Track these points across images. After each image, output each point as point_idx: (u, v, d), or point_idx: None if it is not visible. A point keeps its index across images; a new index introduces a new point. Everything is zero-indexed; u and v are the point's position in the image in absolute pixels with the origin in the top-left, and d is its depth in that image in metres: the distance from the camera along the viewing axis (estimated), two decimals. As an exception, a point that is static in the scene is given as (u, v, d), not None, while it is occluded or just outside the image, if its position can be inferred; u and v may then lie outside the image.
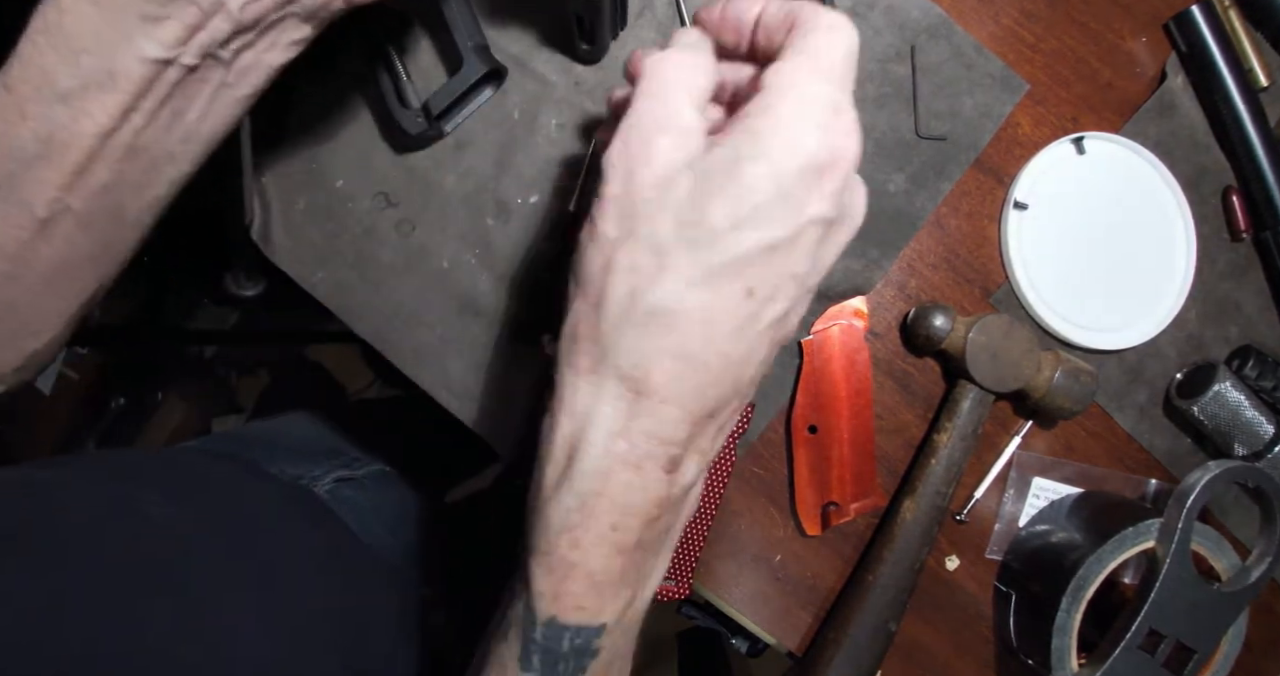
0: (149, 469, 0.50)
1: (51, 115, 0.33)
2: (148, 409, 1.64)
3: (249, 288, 0.55)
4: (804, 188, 0.28)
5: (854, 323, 0.55)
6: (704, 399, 0.29)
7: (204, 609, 0.40)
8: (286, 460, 0.63)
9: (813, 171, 0.28)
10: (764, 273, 0.29)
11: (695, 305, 0.28)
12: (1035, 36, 0.56)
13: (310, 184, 0.53)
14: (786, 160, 0.28)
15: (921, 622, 0.58)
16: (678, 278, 0.28)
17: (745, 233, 0.28)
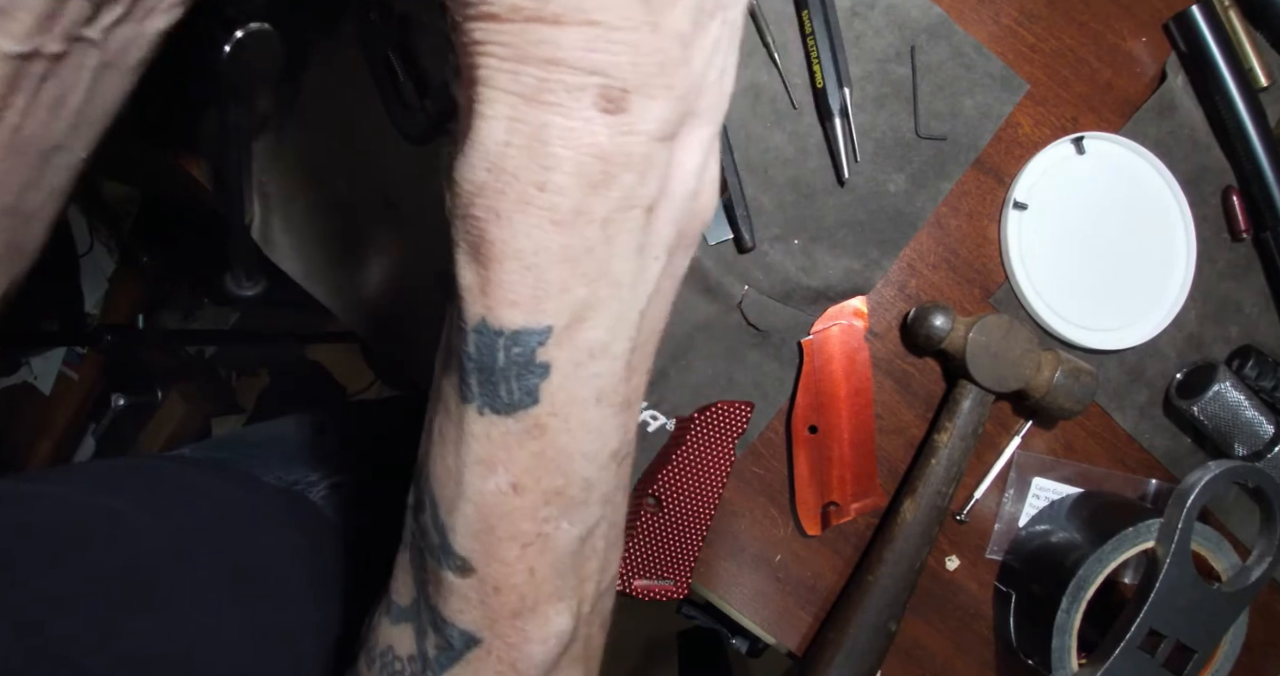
0: (131, 479, 0.50)
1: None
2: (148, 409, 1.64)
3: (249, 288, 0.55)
4: None
5: (854, 322, 0.55)
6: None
7: (186, 618, 0.40)
8: (281, 465, 0.63)
9: None
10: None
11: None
12: (1035, 36, 0.56)
13: (310, 184, 0.53)
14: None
15: (921, 622, 0.58)
16: None
17: None
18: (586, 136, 0.23)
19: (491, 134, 0.23)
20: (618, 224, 0.24)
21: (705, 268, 0.54)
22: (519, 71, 0.22)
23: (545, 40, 0.22)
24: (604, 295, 0.25)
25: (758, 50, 0.53)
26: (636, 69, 0.22)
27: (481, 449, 0.26)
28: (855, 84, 0.54)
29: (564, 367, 0.25)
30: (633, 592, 0.54)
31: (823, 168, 0.54)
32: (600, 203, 0.23)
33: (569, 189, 0.23)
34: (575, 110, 0.22)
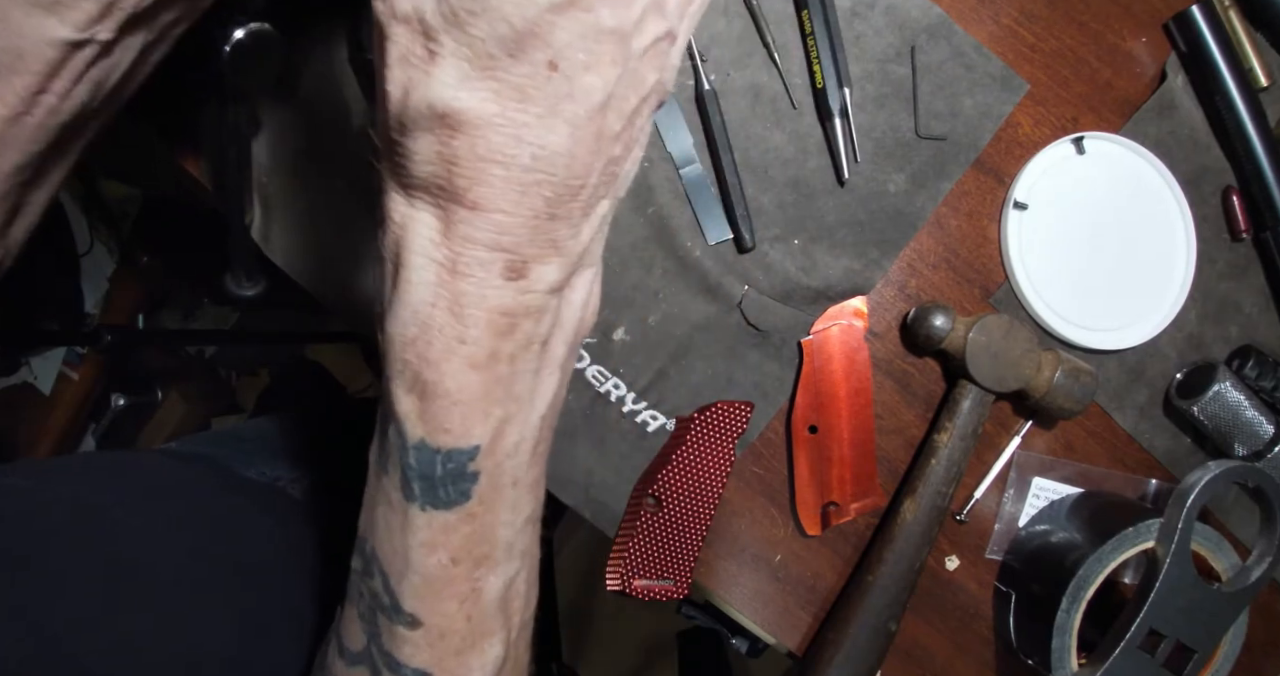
0: (116, 473, 0.50)
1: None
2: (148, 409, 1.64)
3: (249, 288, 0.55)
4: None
5: (854, 322, 0.55)
6: (529, 199, 0.26)
7: (171, 611, 0.40)
8: (266, 461, 0.63)
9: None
10: (562, 36, 0.24)
11: (484, 99, 0.24)
12: (1035, 36, 0.56)
13: (310, 184, 0.53)
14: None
15: (921, 622, 0.58)
16: (452, 67, 0.24)
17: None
18: (494, 300, 0.27)
19: (420, 296, 0.28)
20: (521, 358, 0.29)
21: (705, 268, 0.54)
22: (440, 244, 0.27)
23: (464, 221, 0.26)
24: (514, 411, 0.30)
25: (758, 50, 0.53)
26: (535, 245, 0.27)
27: (424, 536, 0.31)
28: (855, 84, 0.54)
29: (489, 470, 0.30)
30: (633, 592, 0.54)
31: (823, 168, 0.54)
32: (507, 345, 0.28)
33: (483, 340, 0.28)
34: (486, 280, 0.27)
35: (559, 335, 0.31)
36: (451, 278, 0.27)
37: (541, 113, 0.25)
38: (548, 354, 0.30)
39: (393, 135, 0.26)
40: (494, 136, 0.25)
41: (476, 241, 0.26)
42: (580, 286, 0.31)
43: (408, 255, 0.27)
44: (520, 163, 0.25)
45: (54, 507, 0.41)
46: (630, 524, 0.54)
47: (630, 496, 0.55)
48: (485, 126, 0.25)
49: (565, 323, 0.31)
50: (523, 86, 0.25)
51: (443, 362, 0.28)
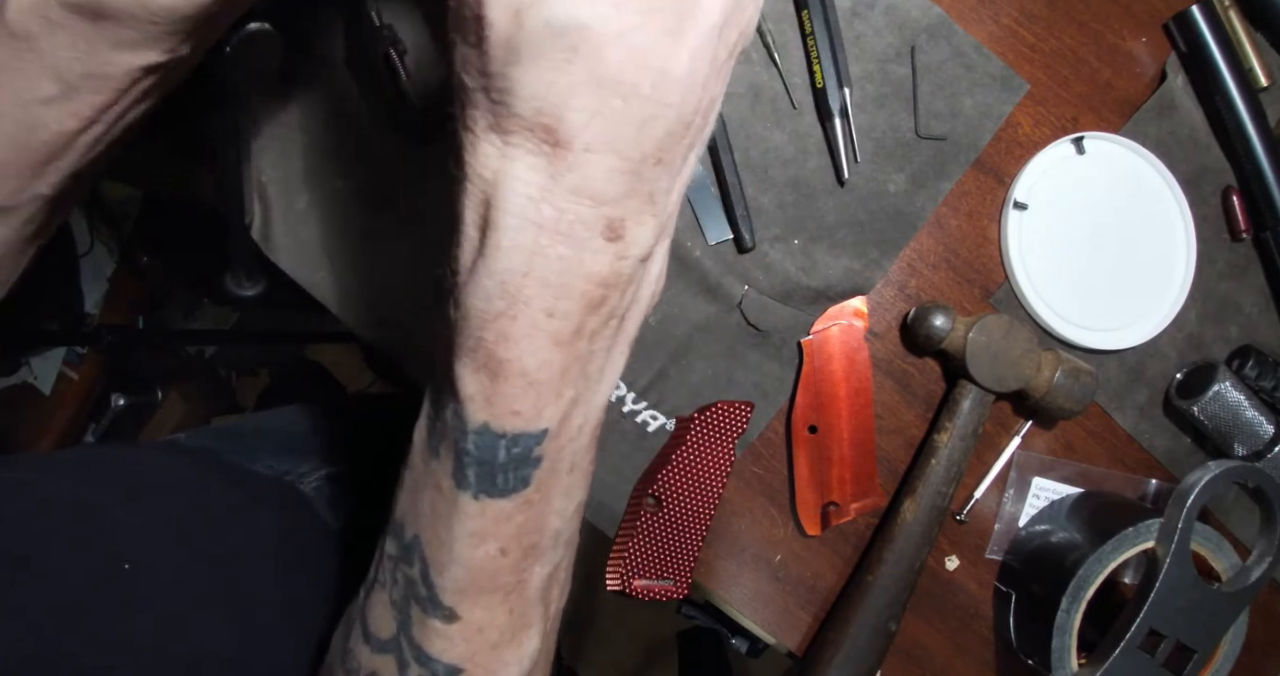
0: (117, 469, 0.50)
1: (27, 117, 0.32)
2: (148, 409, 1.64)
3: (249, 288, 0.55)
4: None
5: (854, 322, 0.55)
6: (643, 137, 0.24)
7: (172, 612, 0.40)
8: (274, 456, 0.63)
9: None
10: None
11: (601, 14, 0.22)
12: (1035, 36, 0.56)
13: (310, 184, 0.53)
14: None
15: (921, 622, 0.58)
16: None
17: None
18: (591, 266, 0.25)
19: (511, 265, 0.25)
20: (601, 335, 0.27)
21: (705, 268, 0.54)
22: (541, 199, 0.24)
23: (573, 168, 0.23)
24: (583, 391, 0.28)
25: (758, 50, 0.53)
26: (635, 197, 0.25)
27: (474, 525, 0.29)
28: (855, 84, 0.54)
29: (551, 455, 0.28)
30: (633, 592, 0.54)
31: (823, 168, 0.54)
32: (593, 320, 0.26)
33: (573, 313, 0.26)
34: (587, 241, 0.25)
35: (635, 310, 0.29)
36: (551, 240, 0.24)
37: (666, 29, 0.23)
38: (623, 330, 0.29)
39: (493, 67, 0.23)
40: (615, 57, 0.22)
41: (583, 193, 0.24)
42: (659, 257, 0.28)
43: (500, 216, 0.24)
44: (641, 91, 0.23)
45: (54, 505, 0.41)
46: (630, 524, 0.54)
47: (630, 496, 0.55)
48: (607, 45, 0.22)
49: (642, 298, 0.28)
50: (649, 3, 0.23)
51: (525, 339, 0.25)
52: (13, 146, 0.33)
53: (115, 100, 0.33)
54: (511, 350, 0.26)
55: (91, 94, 0.33)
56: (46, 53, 0.31)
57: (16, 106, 0.32)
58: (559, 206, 0.24)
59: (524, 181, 0.24)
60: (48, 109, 0.32)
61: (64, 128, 0.33)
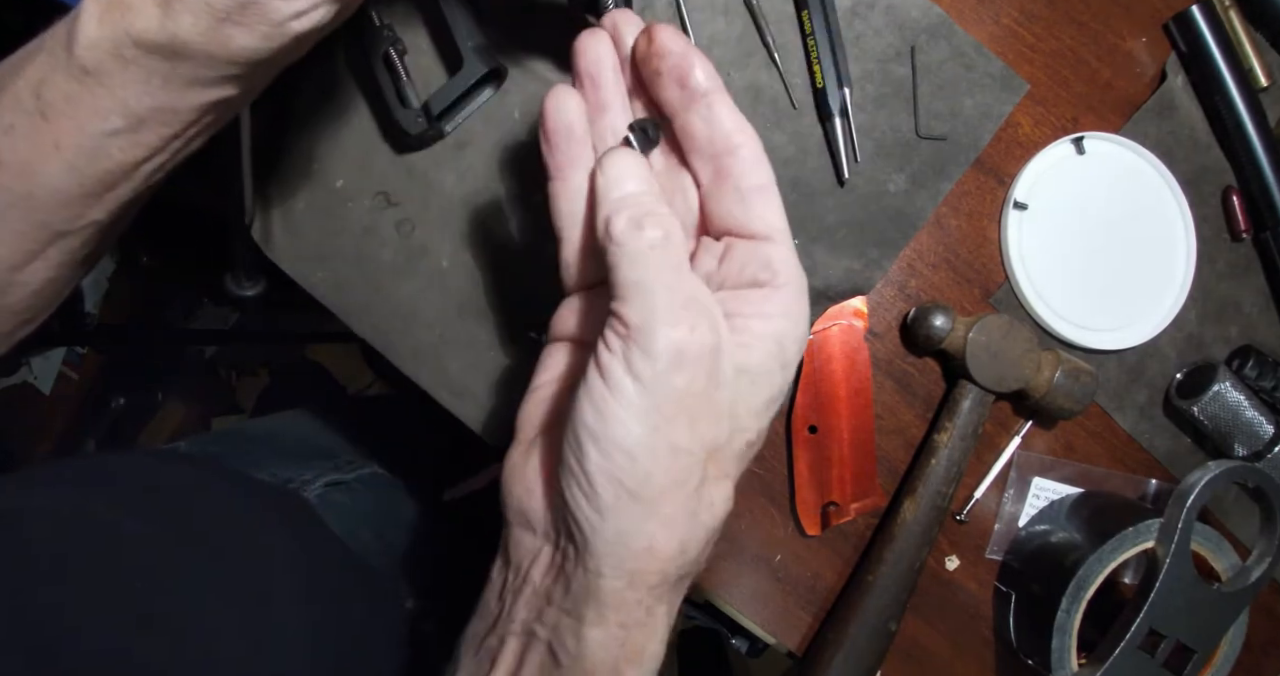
0: (120, 478, 0.50)
1: (92, 147, 0.32)
2: (148, 409, 1.64)
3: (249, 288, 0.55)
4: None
5: (854, 322, 0.55)
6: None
7: (180, 622, 0.40)
8: (277, 463, 0.63)
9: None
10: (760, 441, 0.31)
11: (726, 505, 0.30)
12: (1035, 36, 0.56)
13: (310, 184, 0.53)
14: (799, 345, 0.31)
15: (921, 622, 0.58)
16: (734, 479, 0.30)
17: (760, 421, 0.31)
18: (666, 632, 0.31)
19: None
20: None
21: (705, 268, 0.54)
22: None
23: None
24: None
25: (758, 50, 0.53)
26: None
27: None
28: (855, 84, 0.54)
29: None
30: (633, 592, 0.54)
31: (823, 168, 0.54)
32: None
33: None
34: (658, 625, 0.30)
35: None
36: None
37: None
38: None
39: (698, 544, 0.29)
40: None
41: (655, 588, 0.30)
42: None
43: (654, 647, 0.30)
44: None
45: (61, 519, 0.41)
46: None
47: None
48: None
49: None
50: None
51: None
52: (74, 175, 0.33)
53: (182, 131, 0.33)
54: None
55: (159, 127, 0.32)
56: (117, 89, 0.31)
57: (82, 137, 0.32)
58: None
59: (672, 609, 0.30)
60: (113, 140, 0.32)
61: (127, 158, 0.33)
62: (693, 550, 0.29)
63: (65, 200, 0.34)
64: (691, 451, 0.28)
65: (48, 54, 0.31)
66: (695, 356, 0.27)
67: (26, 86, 0.32)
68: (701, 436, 0.28)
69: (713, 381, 0.28)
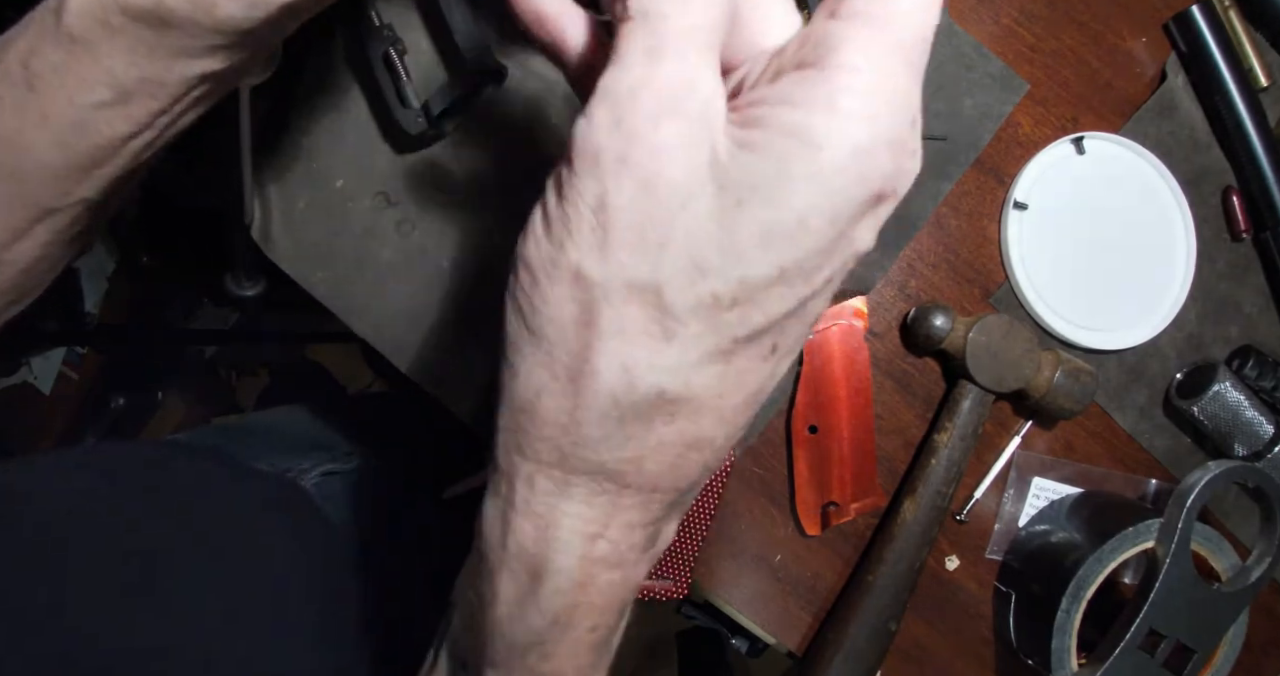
0: (122, 465, 0.50)
1: (79, 120, 0.32)
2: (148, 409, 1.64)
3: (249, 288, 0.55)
4: (857, 223, 0.21)
5: (854, 323, 0.55)
6: (702, 473, 0.24)
7: (179, 608, 0.40)
8: (275, 453, 0.63)
9: (873, 201, 0.21)
10: (791, 327, 0.23)
11: (709, 385, 0.22)
12: (1035, 36, 0.56)
13: (310, 184, 0.53)
14: (851, 189, 0.20)
15: (921, 622, 0.58)
16: (688, 351, 0.21)
17: (784, 289, 0.21)
18: (634, 580, 0.26)
19: (563, 601, 0.25)
20: (625, 618, 0.28)
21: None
22: (597, 536, 0.24)
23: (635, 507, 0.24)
24: (610, 661, 0.28)
25: (758, 50, 0.53)
26: (674, 512, 0.26)
27: None
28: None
29: None
30: (633, 592, 0.54)
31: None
32: (626, 616, 0.28)
33: (611, 622, 0.26)
34: (636, 562, 0.25)
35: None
36: (603, 571, 0.24)
37: (750, 395, 0.23)
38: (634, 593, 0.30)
39: (587, 417, 0.22)
40: (705, 421, 0.23)
41: (636, 525, 0.24)
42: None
43: (555, 558, 0.24)
44: (716, 444, 0.23)
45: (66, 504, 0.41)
46: (630, 524, 0.54)
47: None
48: (703, 411, 0.23)
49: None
50: (744, 371, 0.23)
51: (568, 655, 0.26)
52: (62, 149, 0.33)
53: (170, 106, 0.33)
54: (553, 666, 0.26)
55: (146, 100, 0.32)
56: (104, 57, 0.30)
57: (69, 109, 0.31)
58: (614, 539, 0.24)
59: (583, 520, 0.24)
60: (100, 113, 0.32)
61: (115, 132, 0.33)
62: (588, 422, 0.22)
63: (53, 175, 0.33)
64: (596, 280, 0.21)
65: (38, 24, 0.31)
66: (623, 140, 0.20)
67: (16, 57, 0.31)
68: (621, 263, 0.21)
69: (651, 189, 0.20)
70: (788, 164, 0.20)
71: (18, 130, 0.32)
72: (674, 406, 0.22)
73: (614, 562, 0.24)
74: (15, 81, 0.31)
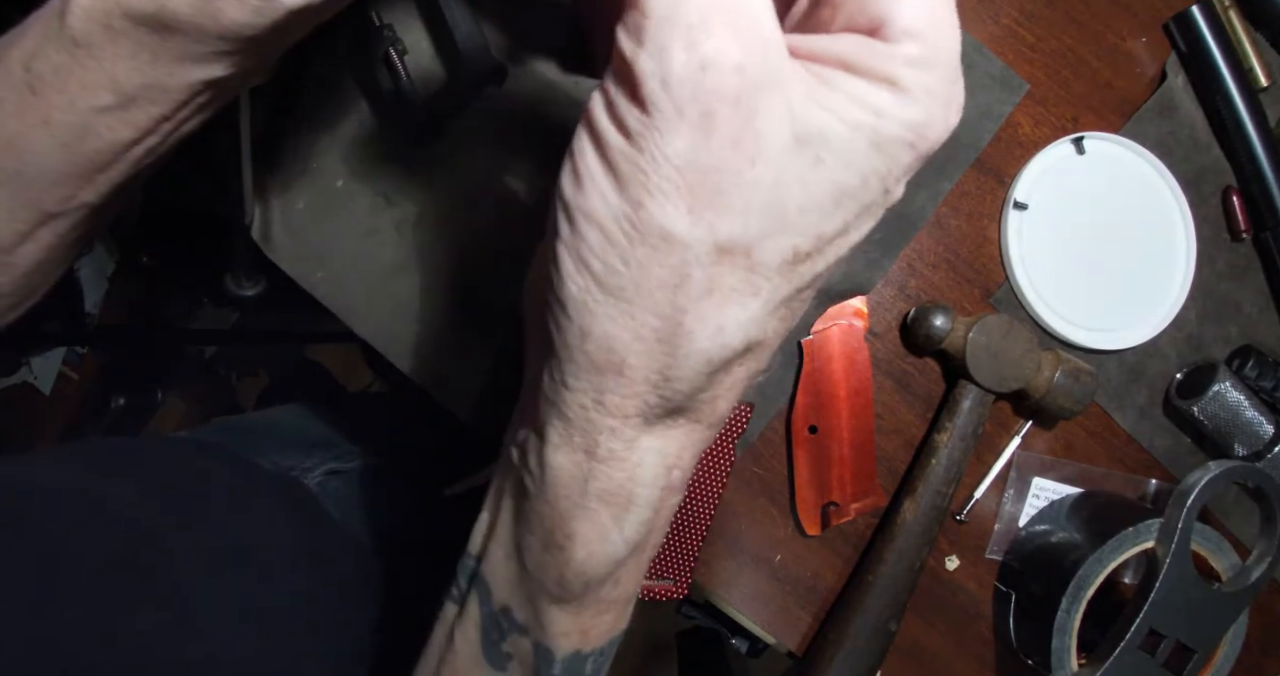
0: (124, 461, 0.50)
1: (81, 124, 0.32)
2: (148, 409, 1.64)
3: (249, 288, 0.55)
4: (902, 179, 0.23)
5: (854, 322, 0.55)
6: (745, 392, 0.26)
7: (182, 605, 0.40)
8: (278, 451, 0.63)
9: (919, 160, 0.23)
10: (835, 265, 0.24)
11: (778, 328, 0.24)
12: (1035, 36, 0.56)
13: (310, 184, 0.53)
14: (905, 155, 0.21)
15: (921, 622, 0.58)
16: (769, 304, 0.22)
17: (843, 239, 0.22)
18: (675, 498, 0.27)
19: (642, 533, 0.27)
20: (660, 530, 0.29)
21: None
22: (674, 468, 0.26)
23: (701, 440, 0.26)
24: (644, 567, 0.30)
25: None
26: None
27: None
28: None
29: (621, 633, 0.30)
30: (633, 592, 0.54)
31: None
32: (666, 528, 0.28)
33: (658, 540, 0.28)
34: (679, 482, 0.27)
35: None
36: (671, 495, 0.26)
37: (792, 324, 0.25)
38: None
39: (683, 374, 0.23)
40: (766, 355, 0.24)
41: (692, 452, 0.26)
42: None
43: (639, 492, 0.25)
44: (763, 367, 0.25)
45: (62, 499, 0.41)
46: (630, 524, 0.54)
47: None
48: (767, 348, 0.24)
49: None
50: (798, 308, 0.24)
51: (634, 575, 0.28)
52: (64, 153, 0.32)
53: (173, 113, 0.33)
54: (620, 591, 0.28)
55: (149, 105, 0.32)
56: (106, 61, 0.30)
57: (71, 113, 0.31)
58: (684, 467, 0.26)
59: (662, 455, 0.25)
60: (102, 118, 0.32)
61: (118, 137, 0.32)
62: (681, 380, 0.23)
63: (55, 180, 0.33)
64: (687, 243, 0.20)
65: (42, 25, 0.31)
66: (708, 94, 0.19)
67: (18, 59, 0.31)
68: (710, 224, 0.20)
69: (738, 146, 0.20)
70: (857, 129, 0.21)
71: (19, 133, 0.32)
72: (752, 353, 0.24)
73: (679, 488, 0.26)
74: (17, 84, 0.31)
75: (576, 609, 0.28)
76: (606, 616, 0.28)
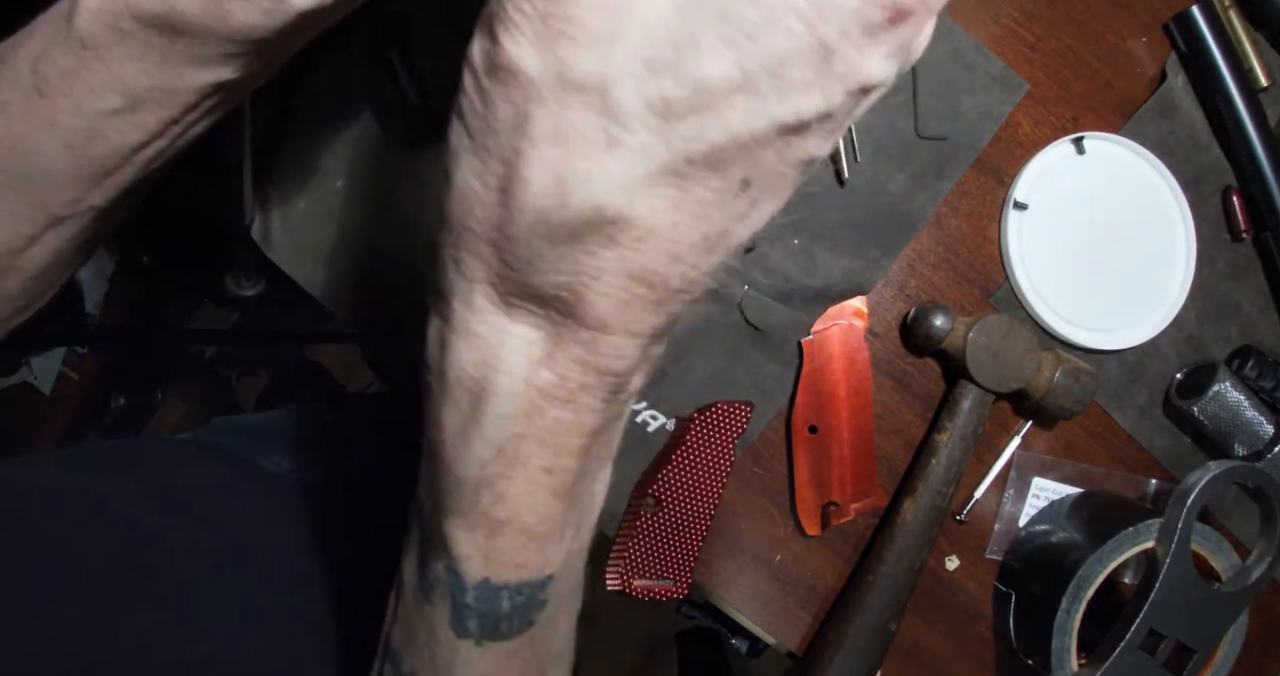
0: (124, 462, 0.50)
1: (89, 127, 0.31)
2: (148, 409, 1.64)
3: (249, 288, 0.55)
4: (864, 35, 0.18)
5: (854, 322, 0.55)
6: (661, 317, 0.23)
7: (182, 605, 0.40)
8: (278, 451, 0.63)
9: (884, 8, 0.18)
10: (771, 159, 0.20)
11: (659, 209, 0.20)
12: (1035, 36, 0.56)
13: (310, 184, 0.53)
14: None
15: (921, 622, 0.58)
16: (635, 163, 0.19)
17: (749, 100, 0.18)
18: (591, 424, 0.24)
19: (508, 430, 0.23)
20: (593, 472, 0.27)
21: (705, 268, 0.54)
22: (542, 365, 0.23)
23: (582, 342, 0.22)
24: (583, 518, 0.27)
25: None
26: (640, 365, 0.24)
27: (480, 669, 0.28)
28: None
29: (557, 593, 0.28)
30: (633, 592, 0.54)
31: (823, 167, 0.54)
32: (591, 463, 0.26)
33: (572, 466, 0.25)
34: (588, 405, 0.24)
35: (622, 425, 0.27)
36: (550, 404, 0.23)
37: (712, 235, 0.21)
38: (611, 449, 0.27)
39: (515, 231, 0.21)
40: (654, 253, 0.21)
41: (589, 365, 0.23)
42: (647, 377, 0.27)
43: (497, 379, 0.23)
44: (669, 283, 0.22)
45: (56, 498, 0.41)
46: (630, 523, 0.54)
47: (630, 496, 0.55)
48: (650, 239, 0.20)
49: (625, 414, 0.27)
50: (705, 201, 0.20)
51: (524, 497, 0.25)
52: (72, 156, 0.32)
53: (181, 115, 0.32)
54: (510, 509, 0.25)
55: (157, 108, 0.32)
56: (115, 63, 0.30)
57: (78, 116, 0.31)
58: (561, 373, 0.23)
59: (527, 341, 0.23)
60: (110, 120, 0.31)
61: (125, 140, 0.32)
62: (516, 240, 0.21)
63: (63, 183, 0.33)
64: (530, 74, 0.19)
65: (49, 27, 0.31)
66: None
67: (25, 61, 0.31)
68: (558, 57, 0.19)
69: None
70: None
71: (25, 135, 0.32)
72: (614, 228, 0.20)
73: (563, 398, 0.23)
74: (24, 86, 0.31)
75: (467, 524, 0.25)
76: (503, 540, 0.25)
